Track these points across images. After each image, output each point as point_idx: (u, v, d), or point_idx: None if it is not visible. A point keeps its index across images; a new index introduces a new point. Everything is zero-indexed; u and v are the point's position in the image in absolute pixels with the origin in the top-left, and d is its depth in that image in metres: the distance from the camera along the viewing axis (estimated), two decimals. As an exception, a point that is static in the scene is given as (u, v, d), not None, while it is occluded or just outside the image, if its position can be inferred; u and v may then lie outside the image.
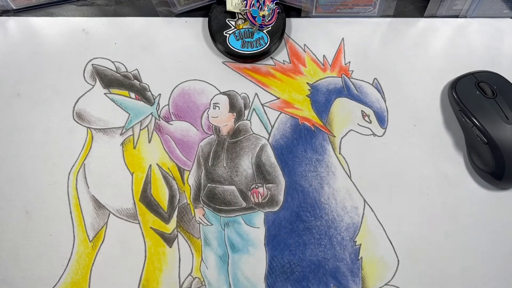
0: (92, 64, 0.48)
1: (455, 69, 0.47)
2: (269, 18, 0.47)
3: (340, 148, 0.45)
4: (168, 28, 0.50)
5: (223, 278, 0.40)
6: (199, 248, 0.41)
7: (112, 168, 0.44)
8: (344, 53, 0.49)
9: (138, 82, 0.47)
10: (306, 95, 0.47)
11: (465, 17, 0.50)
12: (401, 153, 0.45)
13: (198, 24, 0.50)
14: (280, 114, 0.46)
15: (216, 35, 0.48)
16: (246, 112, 0.46)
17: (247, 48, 0.47)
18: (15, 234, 0.41)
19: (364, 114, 0.46)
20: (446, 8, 0.49)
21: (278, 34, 0.48)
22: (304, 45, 0.49)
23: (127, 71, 0.48)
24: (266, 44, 0.47)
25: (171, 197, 0.43)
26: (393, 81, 0.48)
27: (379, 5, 0.49)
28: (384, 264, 0.41)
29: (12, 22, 0.50)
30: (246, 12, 0.46)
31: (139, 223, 0.42)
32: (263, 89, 0.47)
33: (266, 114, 0.46)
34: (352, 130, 0.46)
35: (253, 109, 0.46)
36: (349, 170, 0.44)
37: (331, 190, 0.43)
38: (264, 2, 0.47)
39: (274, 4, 0.47)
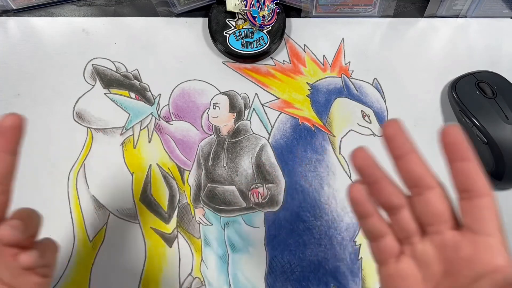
0: (92, 64, 0.48)
1: (455, 69, 0.47)
2: (269, 18, 0.47)
3: (340, 148, 0.45)
4: (168, 28, 0.50)
5: (223, 278, 0.40)
6: (199, 248, 0.41)
7: (112, 168, 0.44)
8: (344, 53, 0.49)
9: (138, 82, 0.47)
10: (306, 95, 0.47)
11: (465, 17, 0.50)
12: (401, 153, 0.45)
13: (198, 24, 0.50)
14: (280, 114, 0.46)
15: (216, 35, 0.48)
16: (246, 112, 0.46)
17: (247, 48, 0.47)
18: (15, 234, 0.41)
19: (364, 114, 0.46)
20: (446, 8, 0.49)
21: (278, 34, 0.48)
22: (304, 45, 0.49)
23: (127, 71, 0.48)
24: (266, 44, 0.47)
25: (171, 197, 0.43)
26: (393, 81, 0.48)
27: (379, 5, 0.49)
28: (384, 264, 0.41)
29: (12, 22, 0.50)
30: (246, 12, 0.46)
31: (139, 223, 0.42)
32: (263, 89, 0.47)
33: (266, 114, 0.46)
34: (352, 130, 0.46)
35: (253, 109, 0.46)
36: (349, 170, 0.44)
37: (331, 190, 0.43)
38: (264, 2, 0.47)
39: (274, 4, 0.47)
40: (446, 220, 0.26)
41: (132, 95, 0.47)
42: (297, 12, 0.50)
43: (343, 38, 0.50)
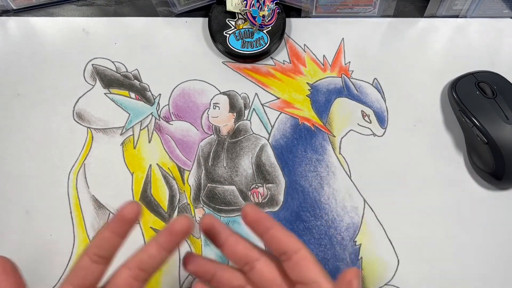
0: (92, 64, 0.48)
1: (455, 69, 0.47)
2: (269, 18, 0.47)
3: (340, 148, 0.45)
4: (168, 28, 0.50)
5: (223, 278, 0.40)
6: (199, 248, 0.41)
7: (112, 168, 0.44)
8: (344, 53, 0.49)
9: (138, 82, 0.47)
10: (306, 95, 0.47)
11: (465, 17, 0.50)
12: (401, 153, 0.45)
13: (198, 24, 0.50)
14: (280, 114, 0.46)
15: (216, 35, 0.48)
16: (246, 112, 0.46)
17: (247, 48, 0.47)
18: (15, 234, 0.41)
19: (364, 114, 0.46)
20: (446, 8, 0.49)
21: (278, 34, 0.48)
22: (304, 45, 0.49)
23: (127, 71, 0.48)
24: (266, 44, 0.47)
25: (171, 197, 0.43)
26: (393, 81, 0.48)
27: (379, 5, 0.49)
28: (384, 264, 0.41)
29: (12, 22, 0.50)
30: (246, 12, 0.46)
31: (139, 223, 0.42)
32: (263, 89, 0.47)
33: (266, 114, 0.46)
34: (352, 130, 0.46)
35: (253, 109, 0.46)
36: (349, 170, 0.44)
37: (331, 190, 0.43)
38: (264, 2, 0.47)
39: (274, 4, 0.47)
40: (280, 283, 0.29)
41: (132, 95, 0.47)
42: (297, 12, 0.50)
43: (343, 38, 0.50)
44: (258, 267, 0.29)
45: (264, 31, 0.48)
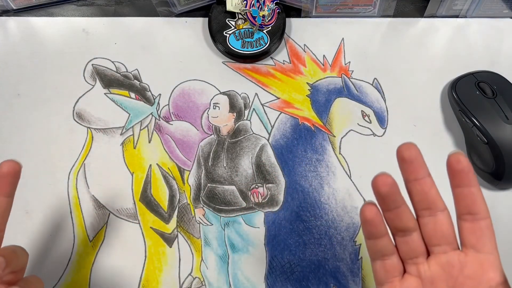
0: (92, 64, 0.48)
1: (455, 69, 0.47)
2: (269, 18, 0.47)
3: (340, 148, 0.45)
4: (168, 28, 0.50)
5: (223, 278, 0.40)
6: (199, 248, 0.41)
7: (112, 168, 0.44)
8: (344, 53, 0.49)
9: (138, 82, 0.47)
10: (306, 95, 0.47)
11: (465, 17, 0.50)
12: (401, 153, 0.45)
13: (198, 24, 0.50)
14: (280, 114, 0.46)
15: (216, 35, 0.48)
16: (246, 112, 0.46)
17: (247, 48, 0.47)
18: (15, 234, 0.41)
19: (364, 114, 0.46)
20: (446, 8, 0.49)
21: (278, 34, 0.48)
22: (304, 45, 0.49)
23: (127, 71, 0.48)
24: (266, 44, 0.47)
25: (171, 197, 0.43)
26: (393, 81, 0.48)
27: (379, 5, 0.49)
28: (384, 264, 0.41)
29: (12, 22, 0.50)
30: (246, 12, 0.46)
31: (139, 223, 0.42)
32: (263, 89, 0.47)
33: (266, 114, 0.46)
34: (352, 130, 0.46)
35: (253, 109, 0.46)
36: (349, 170, 0.44)
37: (331, 190, 0.43)
38: (264, 2, 0.47)
39: (274, 4, 0.47)
40: (452, 241, 0.28)
41: (132, 95, 0.47)
42: (297, 12, 0.50)
43: (343, 38, 0.50)
44: (439, 217, 0.28)
45: (264, 31, 0.48)
